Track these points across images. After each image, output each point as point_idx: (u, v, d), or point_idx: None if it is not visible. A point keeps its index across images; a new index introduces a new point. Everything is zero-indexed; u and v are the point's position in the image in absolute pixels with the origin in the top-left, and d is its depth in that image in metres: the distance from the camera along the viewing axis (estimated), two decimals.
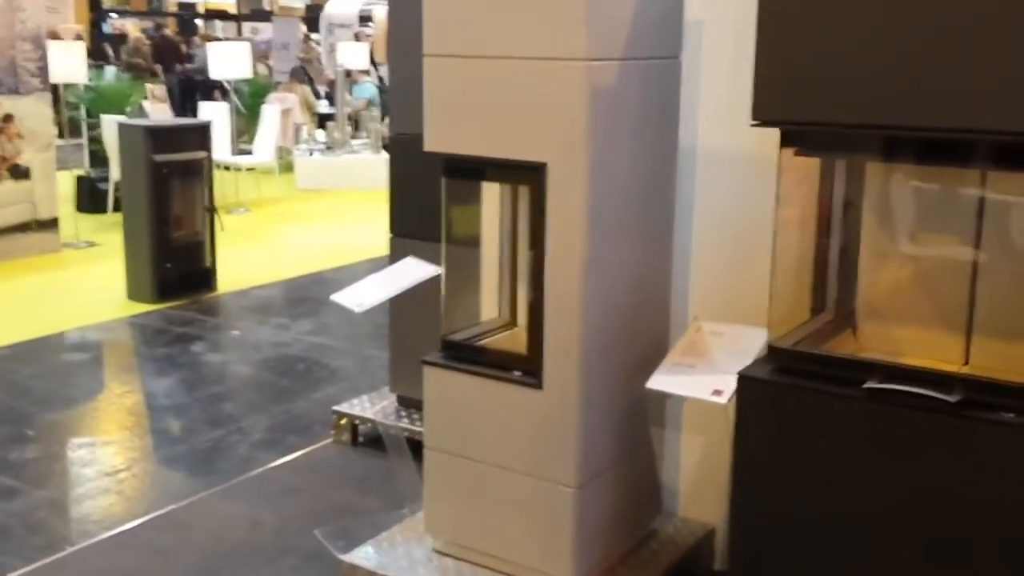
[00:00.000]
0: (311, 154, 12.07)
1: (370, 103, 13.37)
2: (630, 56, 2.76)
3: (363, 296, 3.38)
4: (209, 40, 17.32)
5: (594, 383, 2.82)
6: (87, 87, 10.32)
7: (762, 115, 2.38)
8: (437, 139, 2.92)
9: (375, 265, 8.18)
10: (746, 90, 3.03)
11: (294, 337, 6.09)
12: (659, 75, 2.94)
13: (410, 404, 4.30)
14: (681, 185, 3.16)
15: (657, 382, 2.71)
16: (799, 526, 2.45)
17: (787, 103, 2.36)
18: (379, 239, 8.90)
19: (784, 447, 2.45)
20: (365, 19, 22.27)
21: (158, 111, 9.61)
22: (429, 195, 4.13)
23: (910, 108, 2.21)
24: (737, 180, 3.12)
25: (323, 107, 14.61)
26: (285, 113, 11.69)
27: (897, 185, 2.66)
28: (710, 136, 3.15)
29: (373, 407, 4.37)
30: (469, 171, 2.96)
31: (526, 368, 2.87)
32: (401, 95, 4.19)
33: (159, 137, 6.69)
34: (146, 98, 10.34)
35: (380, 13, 22.74)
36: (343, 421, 4.36)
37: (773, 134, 3.00)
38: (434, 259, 3.62)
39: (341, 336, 6.09)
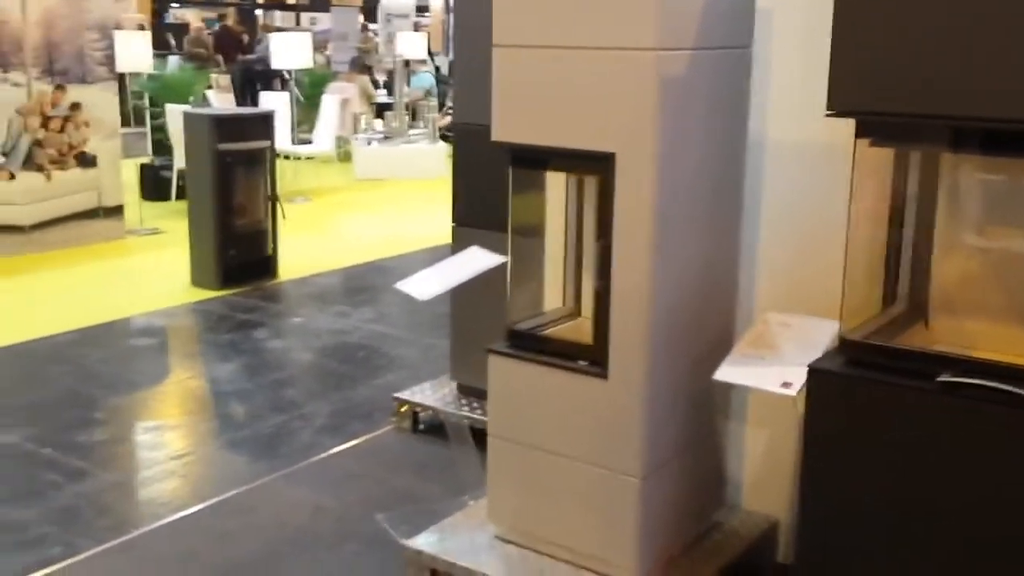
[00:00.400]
0: (369, 144, 12.16)
1: (428, 93, 13.42)
2: (700, 46, 2.74)
3: (427, 285, 3.40)
4: (270, 31, 17.51)
5: (659, 374, 2.81)
6: (151, 76, 10.50)
7: (838, 105, 2.34)
8: (504, 129, 2.92)
9: (433, 254, 8.25)
10: (816, 80, 3.01)
11: (354, 325, 6.14)
12: (729, 65, 2.92)
13: (470, 392, 4.32)
14: (749, 176, 3.13)
15: (725, 373, 2.69)
16: (867, 521, 2.43)
17: (863, 93, 2.32)
18: (437, 228, 9.00)
19: (854, 441, 2.43)
20: (422, 9, 22.38)
21: (223, 100, 9.72)
22: (493, 185, 4.15)
23: (986, 99, 2.17)
24: (805, 171, 3.08)
25: (381, 97, 14.71)
26: (344, 103, 11.79)
27: (971, 176, 2.61)
28: (779, 127, 3.11)
29: (434, 395, 4.39)
30: (536, 161, 2.97)
31: (591, 358, 2.86)
32: (465, 85, 4.20)
33: (223, 126, 6.78)
34: (210, 87, 10.47)
35: (437, 3, 22.86)
36: (404, 408, 4.40)
37: (843, 125, 2.96)
38: (498, 248, 3.63)
39: (401, 324, 6.14)
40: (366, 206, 10.38)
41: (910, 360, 2.39)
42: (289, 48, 10.67)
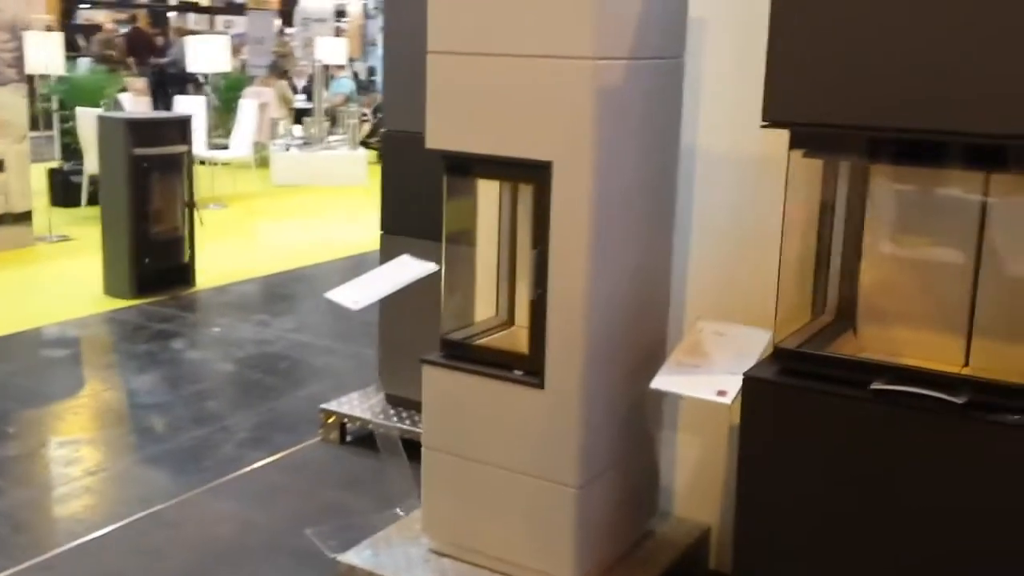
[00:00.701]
0: (288, 149, 11.99)
1: (347, 99, 13.30)
2: (635, 55, 2.75)
3: (359, 294, 3.35)
4: (184, 33, 17.15)
5: (596, 383, 2.81)
6: (60, 79, 10.19)
7: (773, 116, 2.37)
8: (439, 136, 2.89)
9: (355, 262, 8.16)
10: (746, 90, 3.05)
11: (276, 334, 6.04)
12: (663, 75, 2.94)
13: (400, 403, 4.27)
14: (680, 186, 3.16)
15: (661, 382, 2.70)
16: (803, 528, 2.46)
17: (797, 105, 2.36)
18: (358, 236, 8.94)
19: (789, 448, 2.46)
20: (340, 14, 22.16)
21: (139, 104, 9.49)
22: (423, 193, 4.12)
23: (911, 110, 2.22)
24: (735, 181, 3.12)
25: (300, 102, 14.52)
26: (261, 108, 11.60)
27: (896, 187, 2.67)
28: (709, 136, 3.14)
29: (362, 405, 4.33)
30: (471, 169, 2.94)
31: (527, 367, 2.85)
32: (395, 92, 4.15)
33: (139, 130, 6.61)
34: (123, 90, 10.21)
35: (355, 8, 22.68)
36: (331, 419, 4.33)
37: (774, 135, 3.01)
38: (429, 257, 3.61)
39: (324, 334, 6.05)
40: (284, 213, 10.22)
41: (843, 368, 2.43)
42: (206, 52, 10.46)
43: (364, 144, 12.54)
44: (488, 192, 3.16)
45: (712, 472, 3.30)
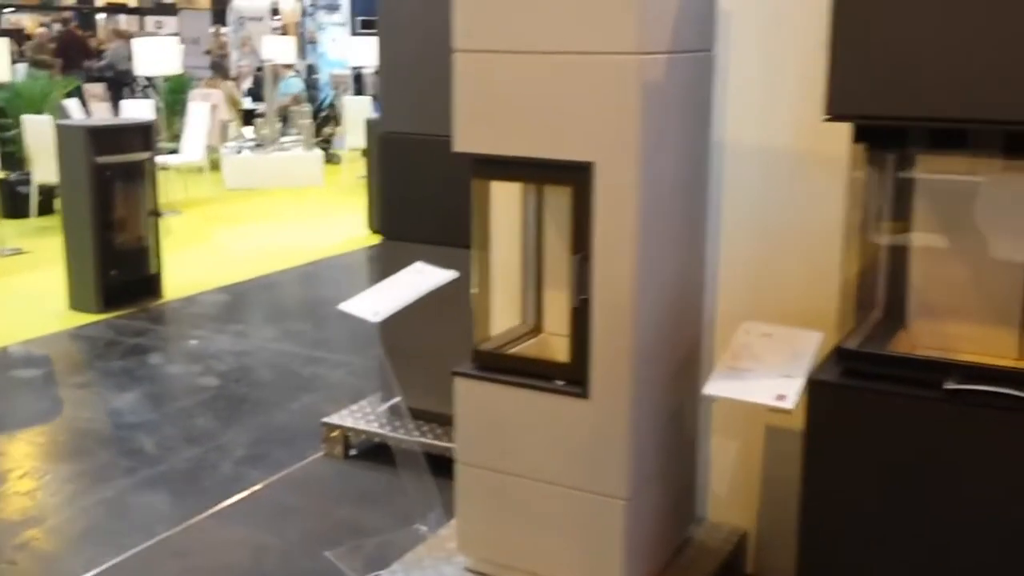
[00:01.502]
0: (240, 152, 11.71)
1: (297, 98, 13.04)
2: (673, 49, 2.65)
3: (378, 305, 3.21)
4: (120, 36, 16.71)
5: (642, 391, 2.71)
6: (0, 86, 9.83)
7: (836, 110, 2.29)
8: (468, 139, 2.76)
9: (322, 267, 7.99)
10: (777, 83, 2.99)
11: (256, 345, 5.84)
12: (697, 69, 2.84)
13: (402, 414, 4.13)
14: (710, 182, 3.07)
15: (714, 388, 2.60)
16: (871, 534, 2.38)
17: (860, 98, 2.27)
18: (322, 239, 8.75)
19: (857, 452, 2.38)
20: (274, 12, 21.77)
21: (100, 110, 9.17)
22: (425, 196, 4.01)
23: (983, 102, 2.15)
24: (765, 177, 3.04)
25: (244, 103, 14.21)
26: (212, 110, 11.30)
27: (953, 179, 2.60)
28: (737, 131, 3.05)
29: (366, 418, 4.18)
30: (503, 172, 2.82)
31: (569, 377, 2.74)
32: (392, 92, 4.01)
33: (101, 138, 6.35)
34: (68, 96, 9.87)
35: (287, 5, 22.30)
36: (334, 433, 4.17)
37: (806, 129, 2.95)
38: (436, 263, 3.48)
39: (307, 342, 5.88)
40: (242, 218, 9.96)
41: (911, 367, 2.36)
42: (152, 54, 10.15)
43: (322, 146, 12.32)
44: (511, 195, 3.04)
45: (748, 476, 3.22)
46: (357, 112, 11.68)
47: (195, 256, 8.13)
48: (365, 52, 13.42)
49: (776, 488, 3.19)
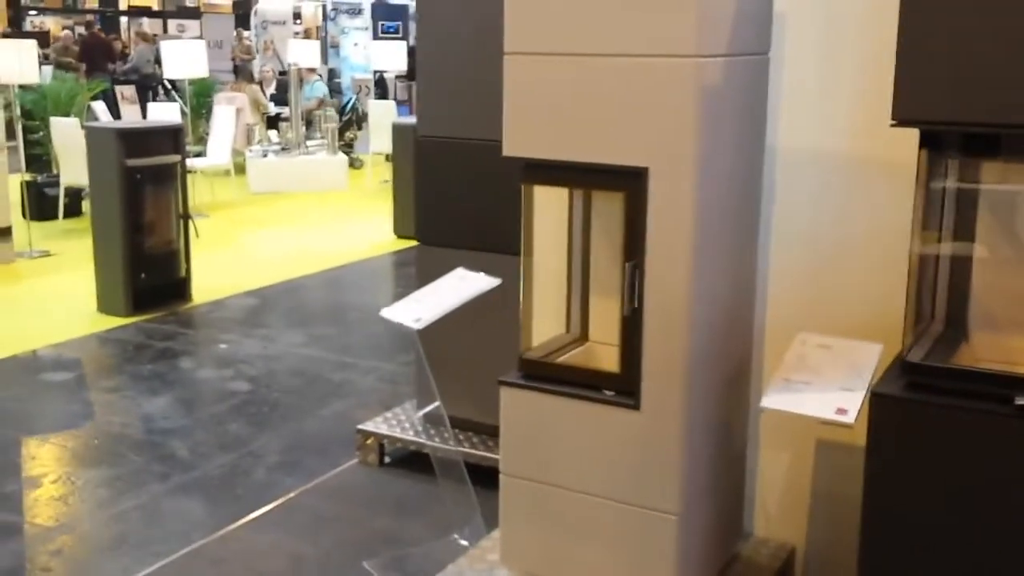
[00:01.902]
0: (265, 156, 11.70)
1: (321, 102, 13.02)
2: (731, 52, 2.59)
3: (420, 312, 3.16)
4: (147, 39, 16.77)
5: (694, 402, 2.64)
6: (26, 87, 9.84)
7: (903, 115, 2.22)
8: (518, 143, 2.71)
9: (349, 271, 7.95)
10: (831, 88, 2.92)
11: (285, 349, 5.80)
12: (753, 72, 2.78)
13: (440, 421, 4.07)
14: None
15: (772, 401, 2.53)
16: (937, 553, 2.30)
17: (928, 104, 2.20)
18: (348, 244, 8.71)
19: (923, 468, 2.30)
20: (296, 16, 21.85)
21: (131, 112, 9.17)
22: (463, 201, 3.95)
23: None
24: (820, 184, 2.97)
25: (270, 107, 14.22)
26: (237, 113, 11.30)
27: (1016, 187, 2.53)
28: (790, 137, 2.98)
29: (401, 426, 4.13)
30: (553, 177, 2.76)
31: (619, 387, 2.67)
32: (431, 96, 3.95)
33: (131, 140, 6.33)
34: (95, 99, 9.87)
35: (308, 10, 22.35)
36: (369, 441, 4.12)
37: (864, 134, 2.88)
38: (476, 269, 3.43)
39: (335, 347, 5.83)
40: (269, 221, 9.95)
41: (981, 382, 2.28)
42: (182, 57, 10.15)
43: (344, 149, 12.32)
44: (557, 201, 2.98)
45: (796, 490, 3.14)
46: (381, 116, 11.67)
47: (222, 260, 8.11)
48: (388, 56, 13.43)
49: (826, 503, 3.12)
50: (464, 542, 3.37)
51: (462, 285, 3.25)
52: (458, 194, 3.92)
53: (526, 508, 2.86)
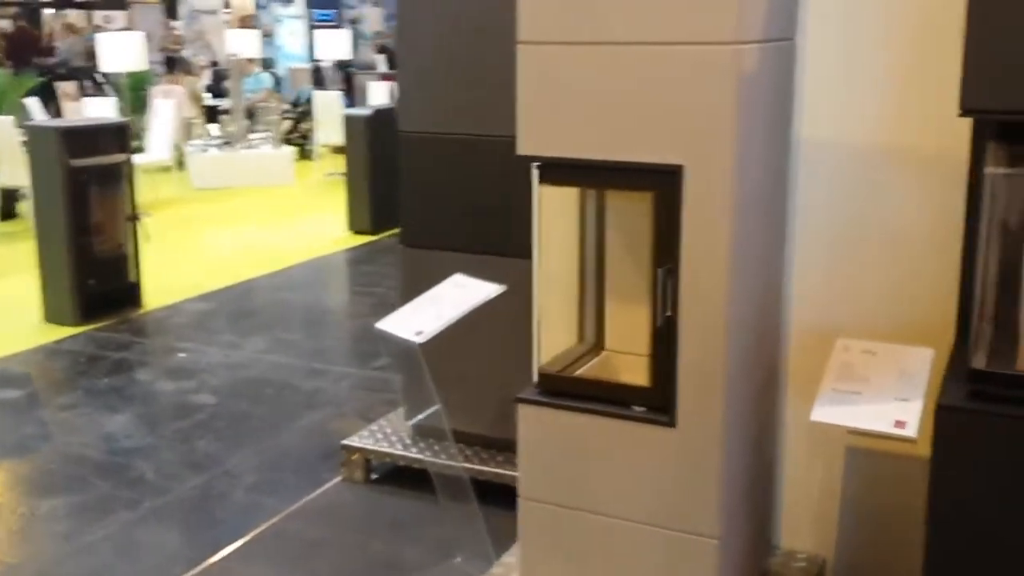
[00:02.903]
0: (206, 150, 11.29)
1: (270, 94, 12.62)
2: (766, 38, 2.39)
3: (420, 324, 2.92)
4: (74, 31, 16.15)
5: (732, 416, 2.45)
6: None
7: (973, 104, 2.04)
8: (534, 141, 2.48)
9: (306, 270, 7.64)
10: (858, 75, 2.74)
11: (249, 357, 5.51)
12: (782, 59, 2.59)
13: (432, 434, 3.84)
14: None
15: (824, 414, 2.35)
16: (1010, 571, 2.15)
17: (998, 92, 2.03)
18: (303, 240, 8.39)
19: (993, 484, 2.14)
20: (226, 5, 21.27)
21: (72, 110, 8.73)
22: (451, 201, 3.71)
23: None
24: (848, 177, 2.79)
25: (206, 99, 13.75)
26: (174, 107, 10.87)
27: None
28: (818, 128, 2.80)
29: (388, 439, 3.88)
30: (575, 177, 2.54)
31: (651, 403, 2.47)
32: (412, 89, 3.70)
33: (75, 139, 5.96)
34: (29, 95, 9.41)
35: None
36: (355, 456, 3.87)
37: (892, 124, 2.71)
38: (467, 273, 3.21)
39: (303, 353, 5.55)
40: (216, 219, 9.57)
41: None
42: (119, 49, 9.68)
43: (288, 142, 11.96)
44: (567, 202, 2.76)
45: (826, 500, 2.98)
46: (327, 107, 11.33)
47: (171, 261, 7.73)
48: (330, 45, 13.06)
49: (855, 512, 2.96)
50: (468, 567, 3.16)
51: (462, 293, 3.02)
52: (445, 193, 3.69)
53: (549, 535, 2.65)
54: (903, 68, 2.66)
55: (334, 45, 12.97)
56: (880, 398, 2.35)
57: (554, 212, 2.70)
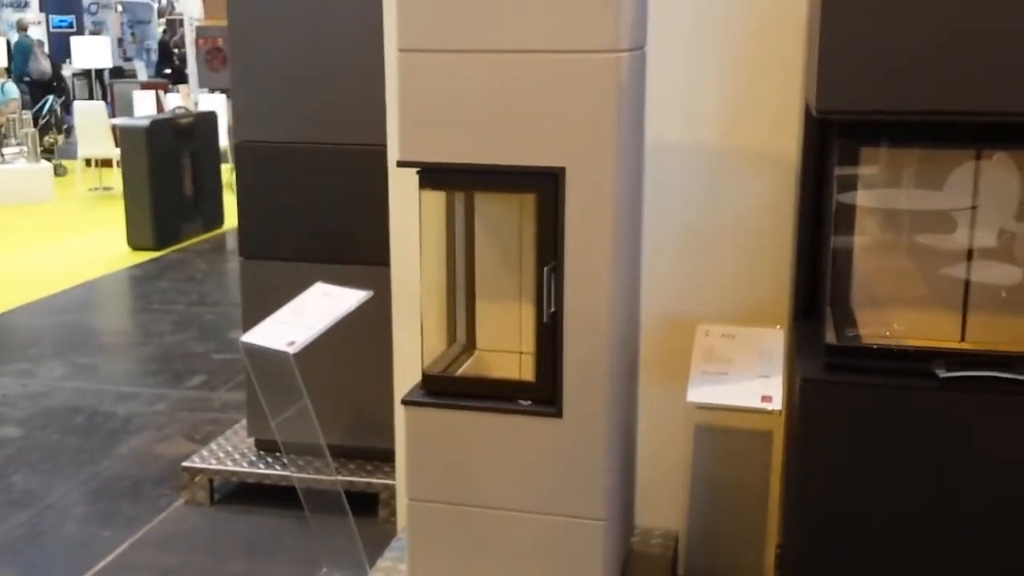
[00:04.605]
0: None
1: (18, 104, 11.78)
2: (635, 46, 2.55)
3: (291, 334, 2.89)
4: None
5: (615, 405, 2.60)
6: None
7: (827, 105, 2.27)
8: (413, 148, 2.53)
9: (89, 291, 7.23)
10: (701, 79, 2.96)
11: (48, 385, 5.17)
12: (641, 66, 2.76)
13: (275, 448, 3.77)
14: None
15: (699, 395, 2.52)
16: (870, 531, 2.40)
17: (851, 94, 2.27)
18: (78, 260, 7.90)
19: (852, 449, 2.39)
20: None
21: None
22: (291, 210, 3.67)
23: (967, 93, 2.21)
24: (691, 174, 3.02)
25: None
26: None
27: (917, 173, 2.66)
28: (661, 129, 3.00)
29: (231, 457, 3.78)
30: (455, 182, 2.61)
31: (538, 396, 2.58)
32: (247, 97, 3.63)
33: None
34: None
35: None
36: (197, 478, 3.74)
37: (732, 127, 2.96)
38: (305, 281, 3.20)
39: (107, 378, 5.27)
40: None
41: (900, 359, 2.40)
42: None
43: (47, 156, 11.25)
44: (435, 206, 2.82)
45: (673, 475, 3.18)
46: (90, 118, 10.72)
47: None
48: (93, 53, 12.38)
49: (705, 487, 3.18)
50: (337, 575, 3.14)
51: (329, 302, 3.01)
52: (286, 203, 3.64)
53: (438, 533, 2.70)
54: (740, 74, 2.90)
55: (94, 52, 12.30)
56: (745, 376, 2.56)
57: (415, 217, 2.76)
